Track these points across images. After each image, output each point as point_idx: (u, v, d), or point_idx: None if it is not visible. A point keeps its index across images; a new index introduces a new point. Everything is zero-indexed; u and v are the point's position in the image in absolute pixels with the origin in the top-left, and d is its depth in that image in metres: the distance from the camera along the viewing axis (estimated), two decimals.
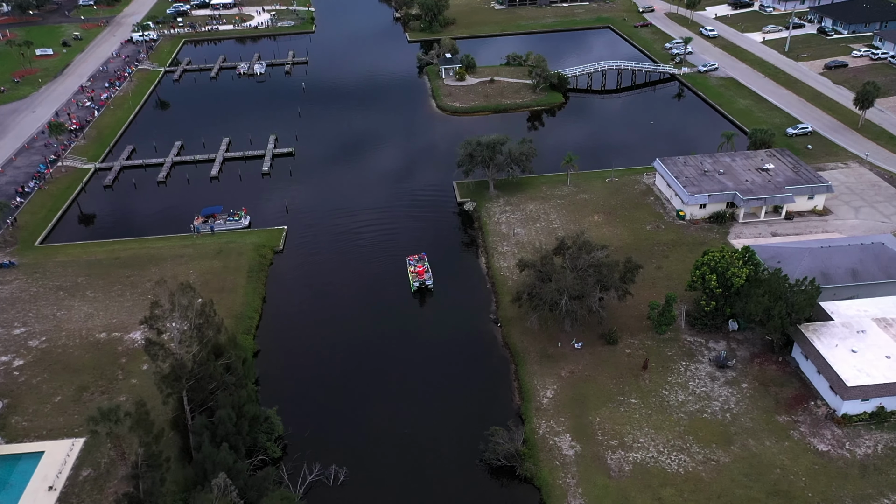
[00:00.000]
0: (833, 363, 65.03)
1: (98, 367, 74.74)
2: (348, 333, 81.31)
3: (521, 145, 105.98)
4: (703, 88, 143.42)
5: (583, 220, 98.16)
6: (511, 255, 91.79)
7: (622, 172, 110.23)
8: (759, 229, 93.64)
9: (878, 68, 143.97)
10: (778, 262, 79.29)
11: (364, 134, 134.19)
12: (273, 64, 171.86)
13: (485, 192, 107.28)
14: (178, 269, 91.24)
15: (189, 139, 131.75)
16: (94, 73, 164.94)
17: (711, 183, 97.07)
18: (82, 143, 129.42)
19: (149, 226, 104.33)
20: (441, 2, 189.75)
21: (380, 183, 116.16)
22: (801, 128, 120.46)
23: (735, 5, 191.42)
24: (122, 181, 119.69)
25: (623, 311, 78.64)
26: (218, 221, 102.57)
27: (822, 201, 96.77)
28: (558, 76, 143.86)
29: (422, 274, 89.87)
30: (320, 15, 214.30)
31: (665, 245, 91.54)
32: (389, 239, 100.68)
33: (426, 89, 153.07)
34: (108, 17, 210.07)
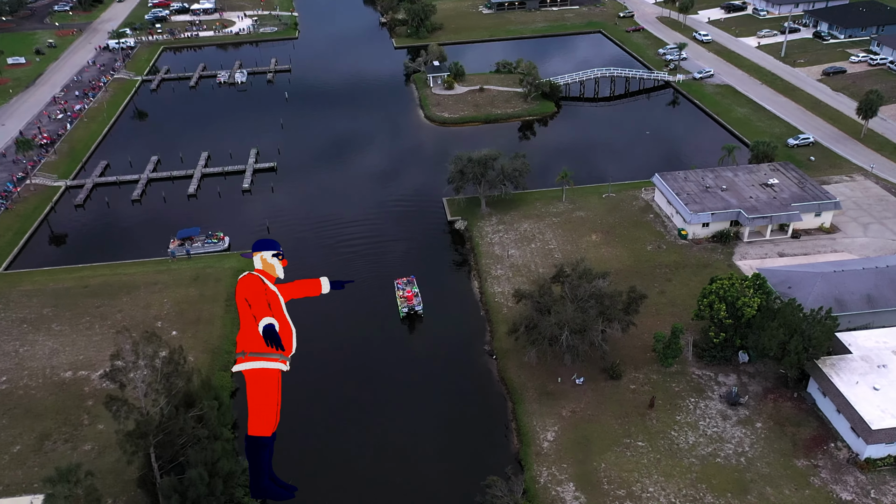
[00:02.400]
0: (855, 403, 60.56)
1: (62, 410, 69.14)
2: (332, 366, 76.13)
3: (514, 161, 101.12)
4: (700, 96, 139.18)
5: (580, 240, 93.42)
6: (505, 280, 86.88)
7: (619, 187, 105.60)
8: (765, 249, 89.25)
9: (877, 74, 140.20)
10: (789, 287, 74.93)
11: (349, 147, 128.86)
12: (255, 72, 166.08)
13: (476, 210, 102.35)
14: (152, 298, 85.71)
15: (166, 153, 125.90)
16: (67, 82, 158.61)
17: (714, 200, 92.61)
18: (53, 159, 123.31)
19: (121, 249, 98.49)
20: (428, 7, 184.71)
21: (366, 200, 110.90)
22: (803, 138, 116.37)
23: (728, 9, 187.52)
24: (95, 200, 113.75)
25: (626, 342, 73.86)
26: (195, 244, 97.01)
27: (829, 218, 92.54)
28: (550, 84, 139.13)
29: (411, 299, 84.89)
30: (304, 20, 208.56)
31: (667, 267, 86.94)
32: (376, 260, 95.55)
33: (414, 98, 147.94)
34: (84, 24, 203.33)
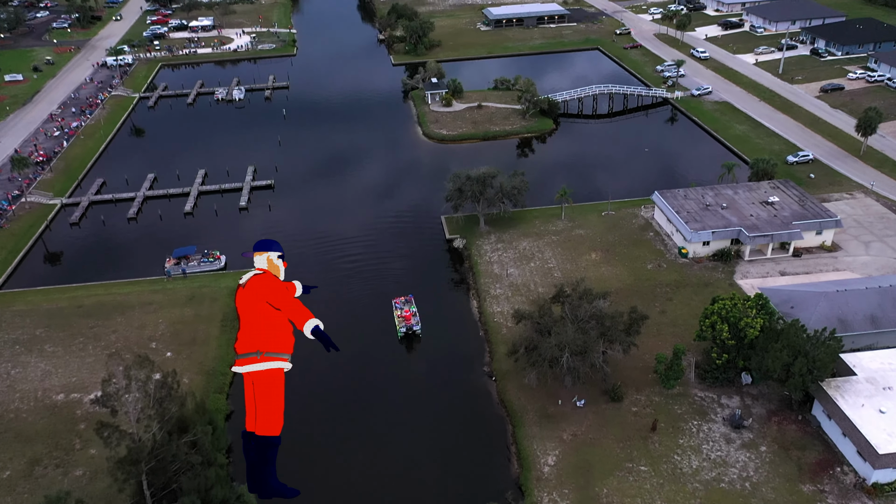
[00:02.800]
0: (861, 426, 59.51)
1: (53, 434, 67.85)
2: (328, 386, 74.97)
3: (512, 178, 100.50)
4: (698, 113, 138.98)
5: (579, 259, 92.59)
6: (504, 299, 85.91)
7: (618, 205, 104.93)
8: (766, 268, 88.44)
9: (875, 91, 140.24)
10: (791, 306, 74.08)
11: (347, 164, 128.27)
12: (253, 89, 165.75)
13: (475, 228, 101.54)
14: (146, 319, 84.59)
15: (163, 171, 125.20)
16: (64, 99, 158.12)
17: (714, 218, 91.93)
18: (49, 177, 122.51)
19: (116, 268, 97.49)
20: (426, 24, 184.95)
21: (364, 217, 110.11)
22: (802, 155, 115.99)
23: (725, 26, 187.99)
24: (90, 218, 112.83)
25: (627, 363, 72.81)
26: (191, 263, 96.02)
27: (830, 236, 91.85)
28: (548, 101, 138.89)
29: (409, 319, 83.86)
30: (302, 37, 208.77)
31: (668, 286, 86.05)
32: (374, 278, 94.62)
33: (412, 115, 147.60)
34: (83, 41, 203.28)
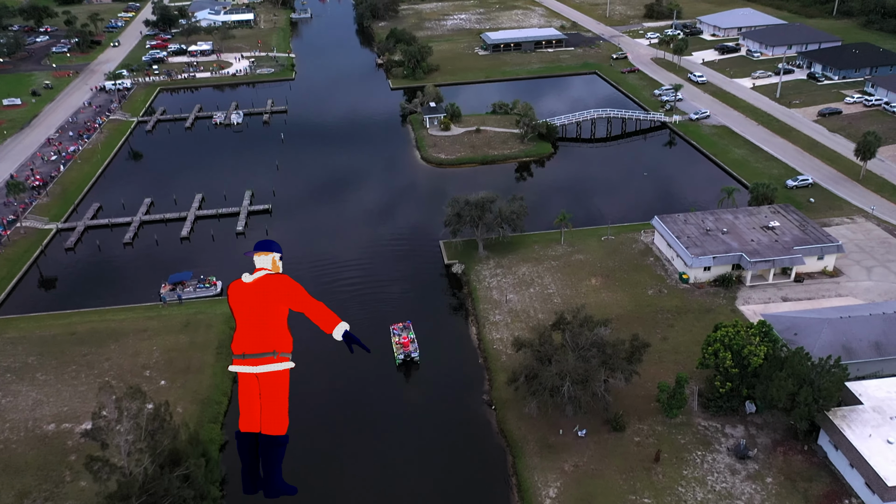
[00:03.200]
0: (869, 457, 58.25)
1: (44, 466, 66.28)
2: (324, 413, 73.69)
3: (511, 203, 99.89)
4: (696, 137, 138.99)
5: (580, 285, 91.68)
6: (504, 326, 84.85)
7: (618, 230, 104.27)
8: (768, 293, 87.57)
9: (872, 115, 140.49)
10: (795, 333, 73.15)
11: (345, 188, 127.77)
12: (251, 113, 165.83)
13: (474, 253, 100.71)
14: (141, 346, 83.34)
15: (160, 195, 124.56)
16: (62, 123, 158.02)
17: (715, 243, 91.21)
18: (45, 201, 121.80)
19: (111, 294, 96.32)
20: (424, 48, 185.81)
21: (362, 242, 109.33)
22: (802, 179, 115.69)
23: (722, 50, 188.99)
24: (86, 243, 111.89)
25: (629, 391, 71.58)
26: (187, 289, 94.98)
27: (832, 261, 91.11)
28: (547, 126, 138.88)
29: (407, 345, 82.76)
30: (301, 61, 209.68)
31: (669, 312, 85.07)
32: (372, 304, 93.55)
33: (410, 139, 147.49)
34: (82, 65, 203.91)
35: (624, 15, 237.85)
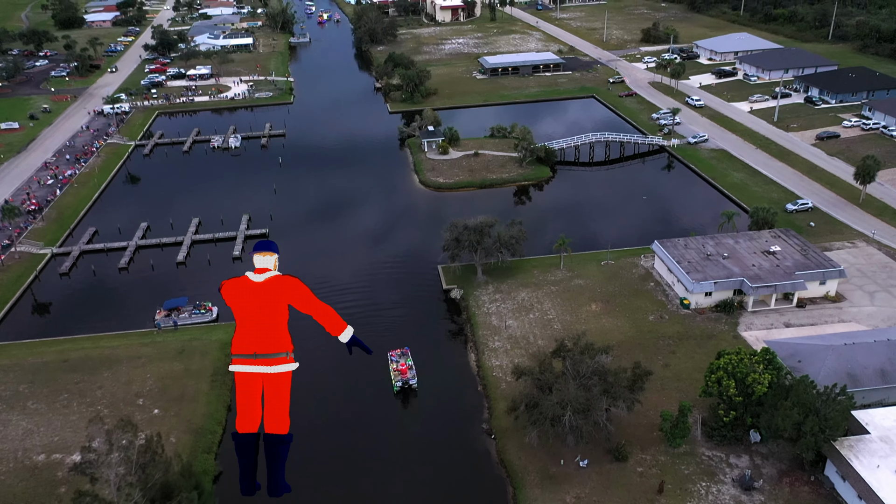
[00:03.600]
0: (878, 489, 56.91)
1: (33, 499, 64.62)
2: (320, 441, 72.09)
3: (510, 228, 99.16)
4: (695, 161, 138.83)
5: (580, 310, 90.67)
6: (503, 352, 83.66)
7: (618, 254, 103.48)
8: (770, 319, 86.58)
9: (870, 139, 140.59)
10: (799, 360, 72.10)
11: (343, 212, 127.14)
12: (249, 137, 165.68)
13: (472, 278, 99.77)
14: (134, 374, 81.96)
15: (156, 220, 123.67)
16: (60, 147, 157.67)
17: (716, 268, 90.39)
18: (40, 226, 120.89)
19: (105, 320, 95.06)
20: (422, 72, 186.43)
21: (359, 267, 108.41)
22: (802, 203, 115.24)
23: (719, 74, 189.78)
24: (81, 268, 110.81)
25: (631, 421, 70.24)
26: (182, 315, 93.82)
27: (834, 287, 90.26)
28: (545, 149, 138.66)
29: (405, 373, 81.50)
30: (299, 85, 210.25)
31: (671, 339, 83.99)
32: (369, 329, 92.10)
33: (408, 163, 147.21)
34: (81, 89, 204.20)
35: (621, 39, 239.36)
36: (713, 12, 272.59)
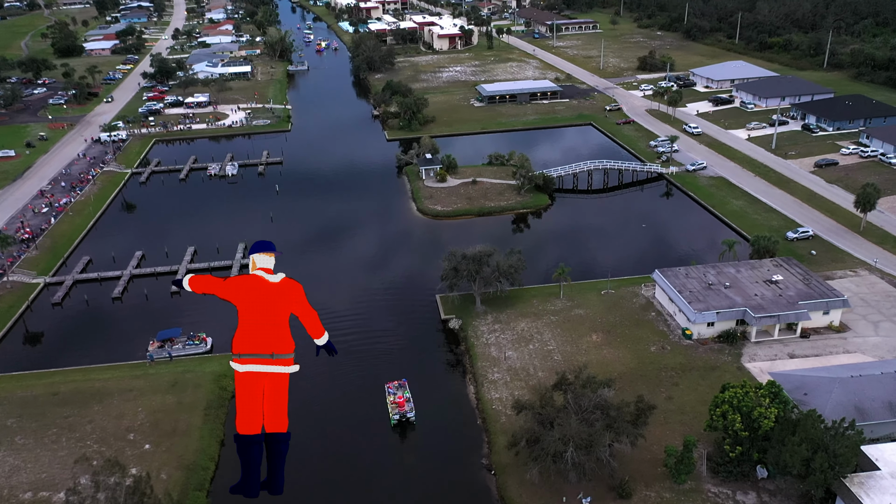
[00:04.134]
0: None
1: None
2: (315, 475, 70.30)
3: (509, 257, 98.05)
4: (694, 188, 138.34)
5: (580, 341, 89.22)
6: (503, 384, 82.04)
7: (618, 283, 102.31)
8: (774, 350, 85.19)
9: (869, 166, 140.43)
10: (805, 393, 70.70)
11: (340, 240, 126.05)
12: (246, 164, 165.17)
13: (471, 308, 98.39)
14: (125, 407, 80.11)
15: (151, 248, 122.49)
16: (55, 175, 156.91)
17: (718, 298, 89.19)
18: (34, 255, 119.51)
19: (97, 351, 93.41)
20: (420, 100, 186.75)
21: (356, 295, 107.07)
22: (802, 231, 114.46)
23: (716, 102, 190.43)
24: (74, 297, 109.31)
25: (634, 455, 68.38)
26: (176, 346, 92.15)
27: (838, 316, 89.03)
28: (543, 177, 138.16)
29: (402, 405, 79.80)
30: (297, 112, 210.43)
31: (673, 370, 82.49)
32: (366, 360, 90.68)
33: (406, 191, 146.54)
34: (78, 117, 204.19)
35: (617, 67, 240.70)
36: (708, 40, 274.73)
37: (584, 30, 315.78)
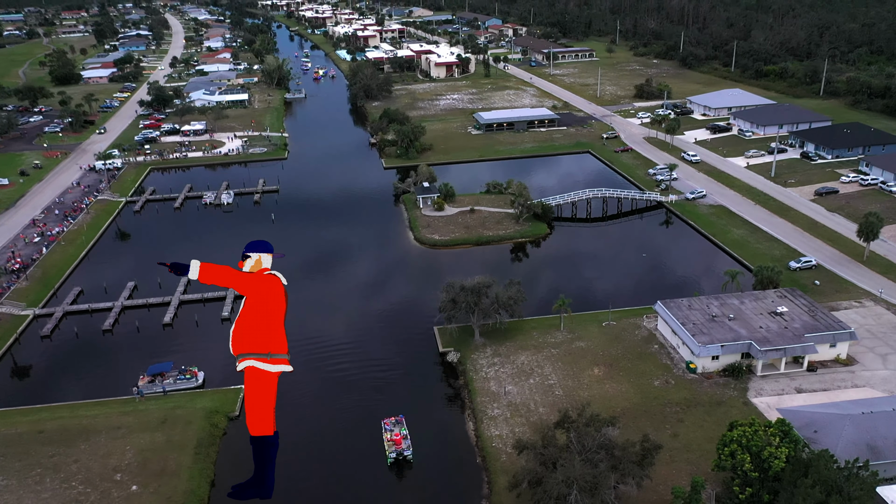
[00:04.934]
0: None
1: None
2: None
3: (508, 288, 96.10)
4: (694, 217, 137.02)
5: (581, 375, 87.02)
6: (503, 421, 79.65)
7: (619, 314, 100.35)
8: (781, 384, 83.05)
9: (869, 195, 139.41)
10: (815, 431, 68.48)
11: (336, 270, 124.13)
12: (242, 193, 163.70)
13: (469, 340, 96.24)
14: (113, 446, 77.48)
15: (144, 279, 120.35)
16: (49, 204, 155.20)
17: (722, 330, 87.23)
18: (24, 286, 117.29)
19: (86, 386, 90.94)
20: (417, 128, 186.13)
21: (352, 326, 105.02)
22: (805, 261, 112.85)
23: (713, 130, 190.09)
24: (64, 329, 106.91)
25: (640, 497, 65.91)
26: (166, 381, 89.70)
27: (845, 349, 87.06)
28: (542, 206, 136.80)
29: (399, 443, 77.30)
30: (294, 140, 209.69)
31: (678, 405, 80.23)
32: (362, 394, 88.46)
33: (403, 220, 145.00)
34: (73, 145, 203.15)
35: (614, 95, 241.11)
36: (704, 68, 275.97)
37: (581, 58, 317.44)
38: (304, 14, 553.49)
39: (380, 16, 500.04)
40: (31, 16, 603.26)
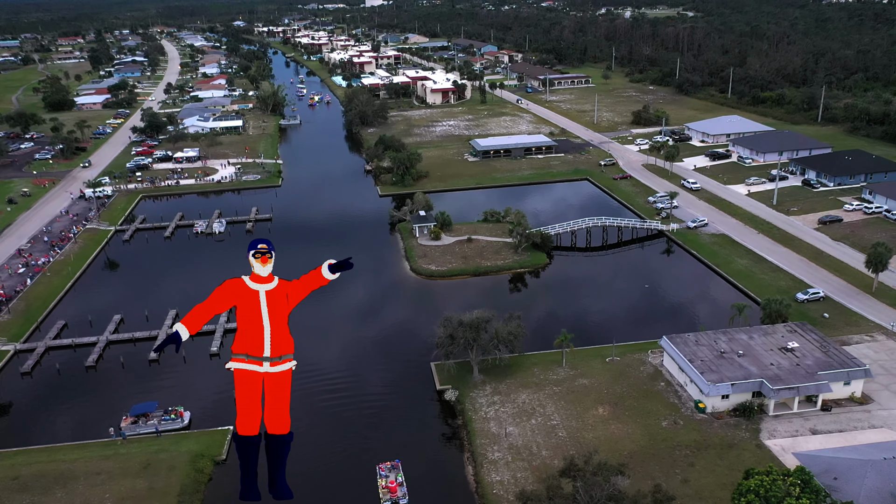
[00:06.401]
0: None
1: None
2: None
3: (508, 322, 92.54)
4: (696, 246, 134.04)
5: (585, 415, 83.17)
6: (504, 465, 75.63)
7: (623, 349, 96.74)
8: (794, 425, 79.32)
9: (874, 223, 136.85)
10: (834, 478, 64.80)
11: (329, 301, 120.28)
12: (234, 221, 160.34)
13: (468, 378, 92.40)
14: (91, 494, 73.15)
15: (131, 312, 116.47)
16: (36, 233, 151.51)
17: (732, 368, 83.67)
18: (5, 319, 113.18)
19: (66, 427, 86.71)
20: (413, 155, 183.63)
21: (345, 361, 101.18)
22: (813, 293, 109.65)
23: (713, 157, 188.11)
24: (45, 366, 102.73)
25: None
26: (151, 421, 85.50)
27: (860, 387, 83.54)
28: (541, 235, 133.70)
29: (395, 491, 73.28)
30: (288, 167, 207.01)
31: (688, 448, 76.36)
32: (355, 435, 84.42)
33: (399, 249, 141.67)
34: (64, 172, 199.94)
35: (612, 121, 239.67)
36: (701, 95, 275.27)
37: (577, 84, 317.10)
38: (300, 40, 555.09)
39: (376, 42, 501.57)
40: (27, 42, 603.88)
